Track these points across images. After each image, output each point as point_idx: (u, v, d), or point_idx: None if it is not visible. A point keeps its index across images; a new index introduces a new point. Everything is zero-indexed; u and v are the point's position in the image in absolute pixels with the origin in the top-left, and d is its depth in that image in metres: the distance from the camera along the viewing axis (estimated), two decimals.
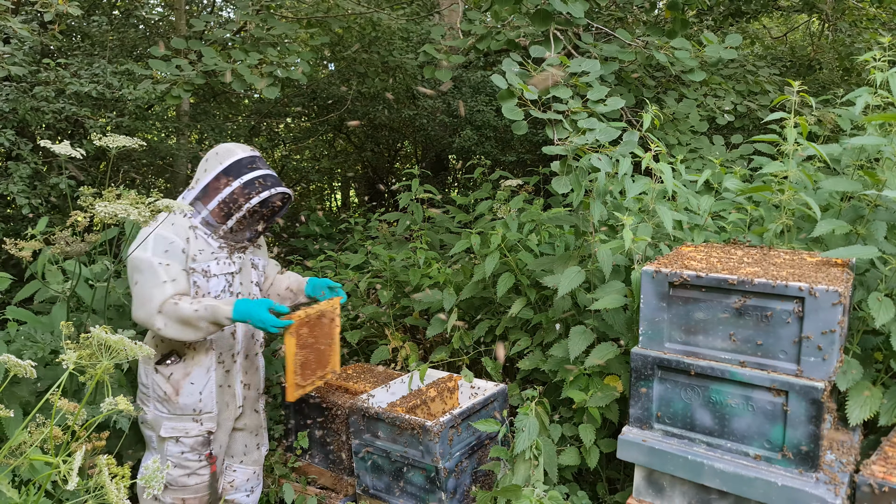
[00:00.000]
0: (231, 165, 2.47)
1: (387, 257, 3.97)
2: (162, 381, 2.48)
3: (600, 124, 2.70)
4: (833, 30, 7.74)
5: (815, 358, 1.90)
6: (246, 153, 2.53)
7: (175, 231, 2.42)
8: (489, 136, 7.78)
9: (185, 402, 2.49)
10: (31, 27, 4.19)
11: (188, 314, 2.32)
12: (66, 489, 1.13)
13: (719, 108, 4.96)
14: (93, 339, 1.28)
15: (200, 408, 2.51)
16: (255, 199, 2.44)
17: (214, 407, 2.55)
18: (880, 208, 2.31)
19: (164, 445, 2.52)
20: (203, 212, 2.47)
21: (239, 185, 2.44)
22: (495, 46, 4.60)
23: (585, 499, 2.60)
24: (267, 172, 2.51)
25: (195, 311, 2.32)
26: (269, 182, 2.48)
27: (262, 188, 2.46)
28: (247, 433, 2.76)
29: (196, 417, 2.51)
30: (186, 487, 2.53)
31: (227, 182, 2.45)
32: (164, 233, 2.39)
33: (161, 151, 6.64)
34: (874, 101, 2.41)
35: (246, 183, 2.45)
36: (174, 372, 2.49)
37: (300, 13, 7.07)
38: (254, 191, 2.45)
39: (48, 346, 2.58)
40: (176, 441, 2.51)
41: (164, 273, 2.36)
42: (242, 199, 2.44)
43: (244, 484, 2.78)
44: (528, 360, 3.00)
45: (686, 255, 2.32)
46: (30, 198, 4.06)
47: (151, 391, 2.51)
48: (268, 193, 2.46)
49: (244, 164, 2.49)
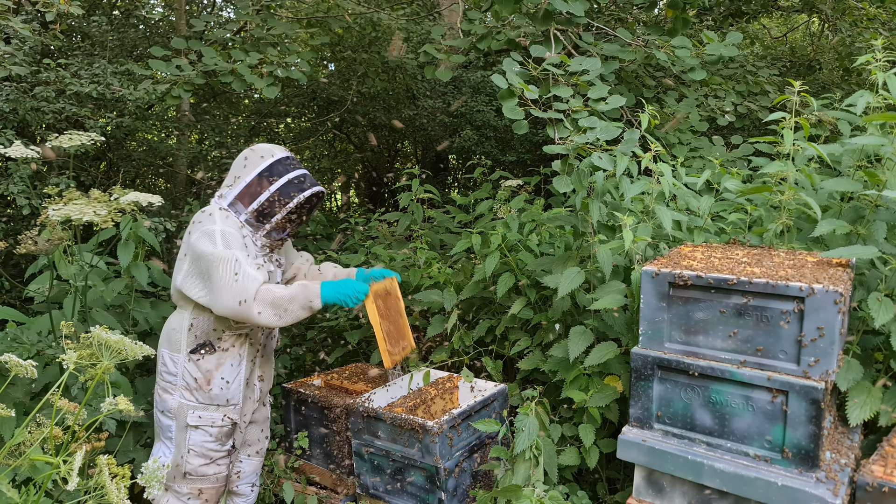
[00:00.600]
0: (271, 166, 2.51)
1: (387, 257, 3.96)
2: (194, 369, 2.52)
3: (601, 122, 2.70)
4: (833, 30, 7.74)
5: (815, 358, 1.90)
6: (284, 153, 2.57)
7: (237, 227, 2.49)
8: (489, 136, 7.78)
9: (215, 392, 2.52)
10: (31, 27, 4.20)
11: (281, 296, 2.36)
12: (66, 489, 1.13)
13: (720, 108, 4.96)
14: (93, 338, 1.28)
15: (229, 398, 2.55)
16: (295, 200, 2.49)
17: (241, 399, 2.59)
18: (880, 208, 2.31)
19: (188, 434, 2.54)
20: (243, 213, 2.52)
21: (280, 186, 2.49)
22: (495, 46, 4.60)
23: (585, 499, 2.60)
24: (304, 172, 2.56)
25: (289, 293, 2.37)
26: (307, 182, 2.53)
27: (301, 189, 2.50)
28: (257, 425, 2.80)
29: (224, 408, 2.55)
30: (205, 477, 2.56)
31: (268, 183, 2.49)
32: (233, 231, 2.45)
33: (161, 151, 6.63)
34: (874, 102, 2.41)
35: (286, 183, 2.50)
36: (207, 362, 2.52)
37: (300, 13, 7.07)
38: (294, 191, 2.50)
39: (34, 346, 2.59)
40: (202, 430, 2.53)
41: (249, 264, 2.40)
42: (285, 199, 2.49)
43: (250, 476, 2.79)
44: (528, 360, 3.00)
45: (686, 256, 2.31)
46: (30, 198, 4.06)
47: (180, 378, 2.53)
48: (309, 193, 2.51)
49: (284, 164, 2.53)
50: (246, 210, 2.51)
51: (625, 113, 4.51)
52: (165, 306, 3.36)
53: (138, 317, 3.24)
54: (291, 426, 3.16)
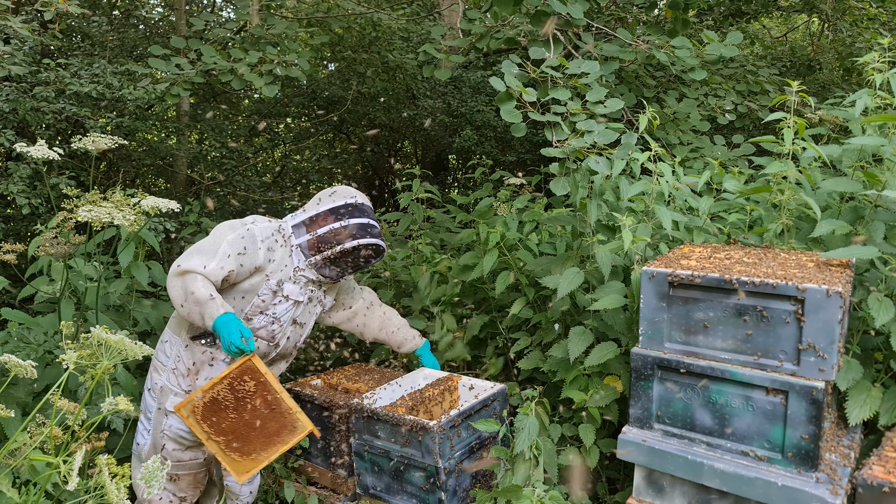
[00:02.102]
0: (341, 206, 2.58)
1: (387, 257, 3.96)
2: (188, 356, 2.55)
3: (599, 126, 2.70)
4: (833, 30, 7.74)
5: (814, 358, 1.90)
6: (359, 199, 2.64)
7: (264, 235, 2.52)
8: (489, 137, 7.78)
9: (200, 383, 2.53)
10: (31, 27, 4.19)
11: (194, 288, 2.36)
12: (67, 489, 1.13)
13: (720, 107, 4.96)
14: (93, 338, 1.28)
15: None
16: (349, 243, 2.53)
17: None
18: (880, 209, 2.31)
19: (164, 419, 2.56)
20: (302, 236, 2.57)
21: (339, 226, 2.55)
22: (494, 45, 4.60)
23: (585, 499, 2.60)
24: (370, 222, 2.60)
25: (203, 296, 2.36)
26: (368, 232, 2.57)
27: (357, 236, 2.55)
28: None
29: None
30: (181, 463, 2.58)
31: (332, 220, 2.56)
32: (256, 234, 2.50)
33: (161, 152, 6.64)
34: (874, 103, 2.41)
35: (347, 226, 2.55)
36: (204, 354, 2.55)
37: (300, 13, 7.07)
38: (358, 234, 2.55)
39: (41, 346, 2.59)
40: (177, 416, 2.54)
41: (221, 257, 2.43)
42: (338, 238, 2.54)
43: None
44: (527, 360, 3.00)
45: (686, 256, 2.31)
46: (30, 198, 4.06)
47: (172, 361, 2.57)
48: (363, 242, 2.55)
49: (361, 209, 2.60)
50: (305, 235, 2.56)
51: (625, 113, 4.51)
52: (166, 306, 3.36)
53: (138, 317, 3.24)
54: None
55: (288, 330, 2.71)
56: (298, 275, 2.60)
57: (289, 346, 2.77)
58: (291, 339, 2.76)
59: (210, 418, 2.38)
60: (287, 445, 2.42)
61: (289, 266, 2.57)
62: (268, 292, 2.56)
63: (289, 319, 2.68)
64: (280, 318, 2.64)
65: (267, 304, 2.58)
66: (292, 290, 2.59)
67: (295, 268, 2.59)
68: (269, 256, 2.53)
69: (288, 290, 2.58)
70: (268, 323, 2.62)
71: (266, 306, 2.58)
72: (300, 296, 2.63)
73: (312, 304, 2.74)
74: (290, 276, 2.58)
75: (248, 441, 2.42)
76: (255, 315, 2.59)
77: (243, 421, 2.41)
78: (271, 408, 2.43)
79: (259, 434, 2.42)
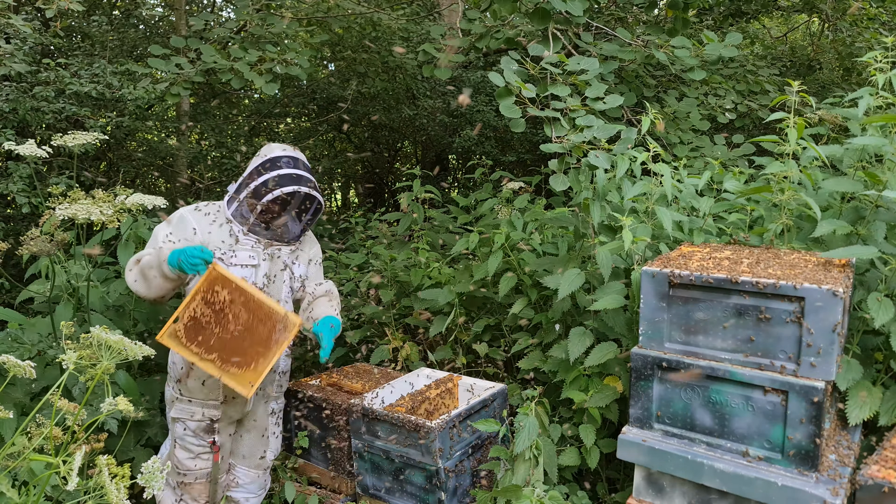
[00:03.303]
0: (266, 161, 2.54)
1: (388, 257, 3.96)
2: (180, 360, 2.55)
3: (598, 121, 2.69)
4: (833, 30, 7.74)
5: (815, 358, 1.90)
6: (285, 153, 2.58)
7: (198, 220, 2.52)
8: (489, 136, 7.78)
9: (192, 385, 2.54)
10: (32, 25, 4.19)
11: (143, 262, 2.39)
12: (66, 489, 1.13)
13: (720, 107, 4.95)
14: (92, 338, 1.28)
15: (206, 394, 2.55)
16: (271, 195, 2.48)
17: (220, 395, 2.57)
18: (881, 209, 2.31)
19: (174, 426, 2.60)
20: (233, 207, 2.55)
21: (263, 181, 2.50)
22: (494, 45, 4.60)
23: (585, 499, 2.60)
24: (290, 172, 2.53)
25: (149, 260, 2.37)
26: (290, 181, 2.50)
27: (280, 185, 2.49)
28: (254, 435, 2.75)
29: (202, 403, 2.56)
30: (189, 472, 2.59)
31: (255, 177, 2.52)
32: (186, 214, 2.52)
33: (161, 151, 6.64)
34: (875, 103, 2.40)
35: (267, 180, 2.50)
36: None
37: (300, 13, 7.06)
38: (276, 186, 2.49)
39: (34, 347, 2.59)
40: (181, 423, 2.57)
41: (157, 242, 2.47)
42: (263, 192, 2.49)
43: (248, 484, 2.78)
44: (528, 359, 3.00)
45: (686, 256, 2.31)
46: (30, 197, 4.06)
47: (173, 371, 2.60)
48: (285, 190, 2.48)
49: (278, 161, 2.55)
50: (234, 203, 2.54)
51: (625, 112, 4.51)
52: (165, 307, 3.35)
53: (139, 317, 3.24)
54: (291, 426, 3.16)
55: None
56: (244, 241, 2.55)
57: None
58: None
59: (195, 338, 2.30)
60: (283, 346, 2.38)
61: (228, 239, 2.53)
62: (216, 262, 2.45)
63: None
64: None
65: None
66: (241, 257, 2.54)
67: (236, 237, 2.54)
68: (207, 230, 2.51)
69: (234, 254, 2.53)
70: None
71: None
72: (252, 259, 2.55)
73: (278, 268, 2.62)
74: (231, 246, 2.53)
75: (243, 352, 2.36)
76: None
77: (230, 333, 2.35)
78: (253, 313, 2.37)
79: (251, 342, 2.37)
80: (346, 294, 4.27)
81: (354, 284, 4.10)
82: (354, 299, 4.08)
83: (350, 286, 4.17)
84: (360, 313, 3.90)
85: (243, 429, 2.74)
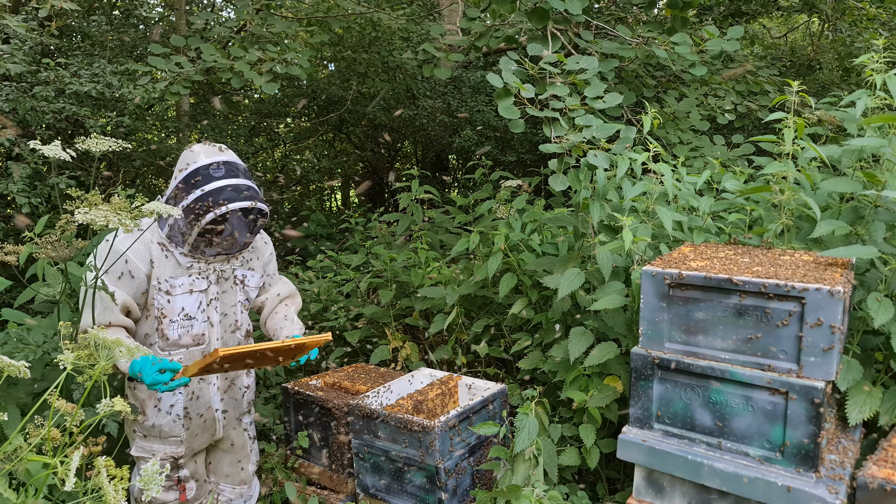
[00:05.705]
0: (194, 173, 2.18)
1: (387, 257, 3.96)
2: (131, 396, 2.37)
3: (597, 121, 2.69)
4: (833, 30, 7.74)
5: (815, 358, 1.89)
6: (211, 158, 2.21)
7: (138, 253, 2.19)
8: (489, 136, 7.79)
9: (150, 422, 2.36)
10: (29, 26, 4.19)
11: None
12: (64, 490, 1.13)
13: (720, 107, 4.95)
14: (90, 339, 1.28)
15: (166, 432, 2.37)
16: (211, 214, 2.14)
17: (183, 433, 2.39)
18: (880, 209, 2.30)
19: (137, 461, 2.43)
20: (164, 229, 2.23)
21: (197, 197, 2.13)
22: (494, 44, 4.59)
23: (585, 499, 2.60)
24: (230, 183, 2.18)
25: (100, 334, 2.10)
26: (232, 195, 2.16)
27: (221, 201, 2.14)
28: (232, 455, 2.65)
29: (163, 440, 2.39)
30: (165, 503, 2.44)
31: (188, 192, 2.15)
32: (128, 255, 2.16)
33: (161, 152, 6.64)
34: (873, 104, 2.40)
35: (204, 195, 2.13)
36: (140, 390, 2.35)
37: (300, 13, 7.07)
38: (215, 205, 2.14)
39: (40, 348, 2.59)
40: (143, 461, 2.40)
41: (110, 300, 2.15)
42: (200, 211, 2.14)
43: (235, 499, 2.70)
44: (528, 360, 3.00)
45: (686, 256, 2.31)
46: (30, 198, 4.06)
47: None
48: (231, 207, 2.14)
49: (207, 170, 2.18)
50: (166, 227, 2.21)
51: (625, 112, 4.51)
52: None
53: None
54: (291, 426, 3.16)
55: (217, 326, 2.40)
56: (184, 262, 2.25)
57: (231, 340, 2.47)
58: (227, 330, 2.44)
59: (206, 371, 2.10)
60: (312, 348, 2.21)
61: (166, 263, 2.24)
62: (160, 296, 2.25)
63: (206, 315, 2.36)
64: (195, 317, 2.33)
65: (167, 309, 2.26)
66: (185, 284, 2.26)
67: (176, 261, 2.25)
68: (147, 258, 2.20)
69: (179, 284, 2.25)
70: (186, 328, 2.32)
71: (168, 312, 2.27)
72: (198, 284, 2.30)
73: (230, 284, 2.39)
74: (172, 271, 2.24)
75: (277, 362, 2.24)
76: (168, 328, 2.28)
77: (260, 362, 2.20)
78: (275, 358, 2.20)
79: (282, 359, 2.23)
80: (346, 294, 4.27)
81: (354, 284, 4.09)
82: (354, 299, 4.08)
83: (350, 286, 4.17)
84: (361, 313, 3.90)
85: (220, 451, 2.63)
